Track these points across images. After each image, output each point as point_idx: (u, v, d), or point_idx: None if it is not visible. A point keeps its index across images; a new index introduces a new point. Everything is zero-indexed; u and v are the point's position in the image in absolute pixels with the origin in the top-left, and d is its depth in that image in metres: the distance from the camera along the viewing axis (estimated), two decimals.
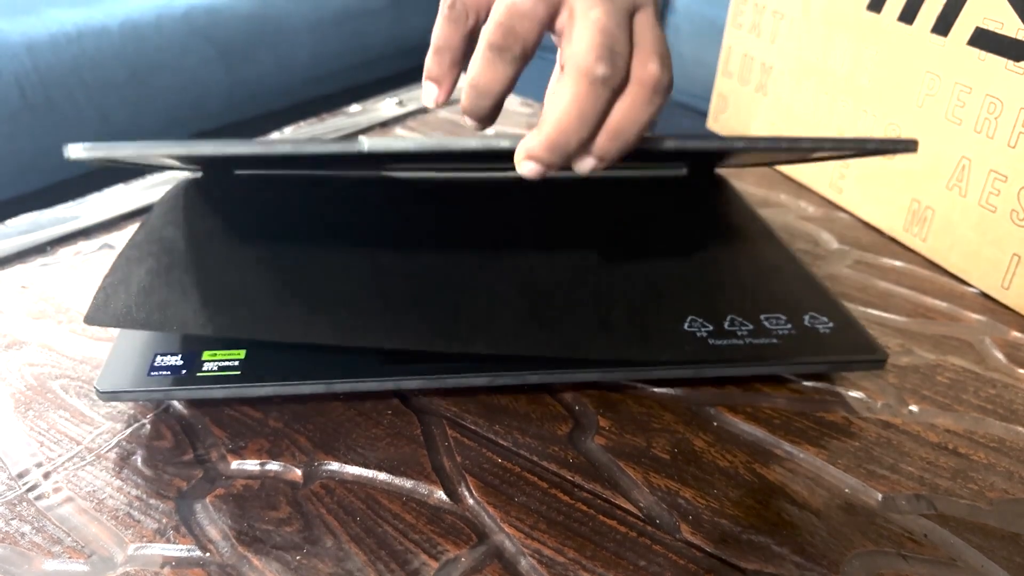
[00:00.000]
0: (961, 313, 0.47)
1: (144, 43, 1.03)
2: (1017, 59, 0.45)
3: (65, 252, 0.48)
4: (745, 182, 0.61)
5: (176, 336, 0.37)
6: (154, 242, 0.39)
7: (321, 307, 0.36)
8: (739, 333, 0.39)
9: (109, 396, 0.34)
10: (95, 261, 0.47)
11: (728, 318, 0.40)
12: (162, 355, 0.36)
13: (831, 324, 0.40)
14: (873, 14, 0.54)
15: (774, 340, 0.39)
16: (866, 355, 0.39)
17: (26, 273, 0.46)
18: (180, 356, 0.36)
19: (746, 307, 0.41)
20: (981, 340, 0.45)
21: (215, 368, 0.35)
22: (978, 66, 0.47)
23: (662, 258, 0.44)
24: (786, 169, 0.63)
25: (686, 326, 0.39)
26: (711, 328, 0.39)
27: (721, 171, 0.56)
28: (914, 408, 0.39)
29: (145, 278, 0.36)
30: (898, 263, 0.52)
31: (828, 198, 0.60)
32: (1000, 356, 0.43)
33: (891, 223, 0.55)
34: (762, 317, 0.40)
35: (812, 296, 0.42)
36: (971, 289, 0.49)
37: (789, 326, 0.40)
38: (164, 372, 0.35)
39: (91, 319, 0.34)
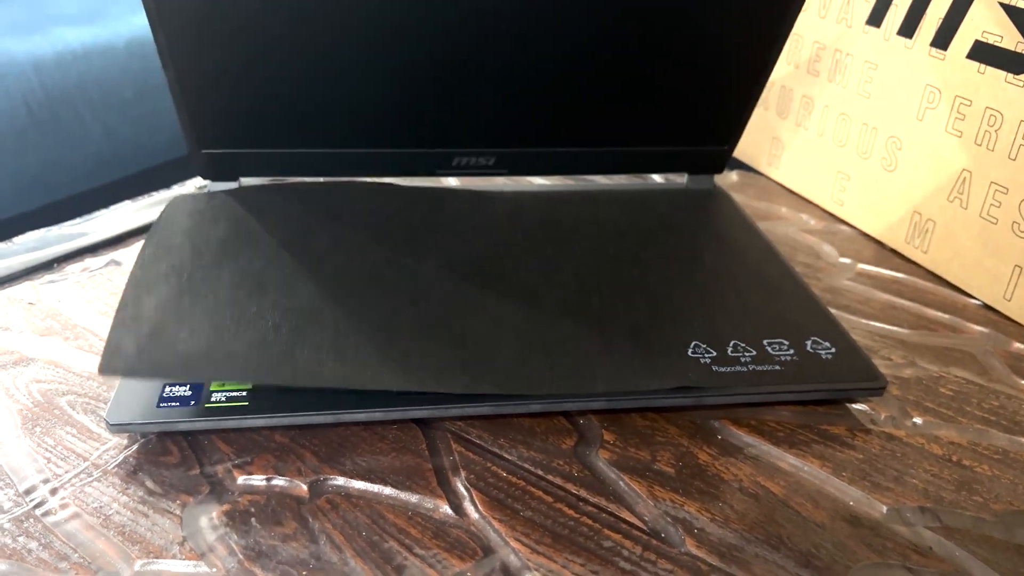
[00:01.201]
0: (963, 325, 0.47)
1: (150, 61, 1.03)
2: (1017, 72, 0.45)
3: (72, 268, 0.49)
4: (746, 195, 0.62)
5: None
6: (159, 274, 0.39)
7: (334, 351, 0.36)
8: (742, 359, 0.39)
9: (119, 428, 0.35)
10: (102, 277, 0.48)
11: (731, 343, 0.40)
12: (171, 386, 0.36)
13: (833, 350, 0.40)
14: (873, 28, 0.54)
15: (777, 367, 0.39)
16: (867, 383, 0.39)
17: (33, 290, 0.46)
18: (189, 387, 0.36)
19: (749, 332, 0.41)
20: (984, 352, 0.45)
21: (223, 399, 0.36)
22: (978, 79, 0.48)
23: (664, 280, 0.45)
24: (787, 182, 0.63)
25: (690, 352, 0.39)
26: (715, 354, 0.39)
27: (722, 183, 0.56)
28: (918, 420, 0.39)
29: (154, 317, 0.36)
30: (900, 275, 0.52)
31: (829, 211, 0.60)
32: (1003, 368, 0.43)
33: (892, 235, 0.55)
34: (765, 342, 0.40)
35: (814, 319, 0.43)
36: (973, 301, 0.50)
37: (792, 352, 0.40)
38: (173, 403, 0.35)
39: (106, 369, 0.34)
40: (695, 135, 0.53)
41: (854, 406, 0.40)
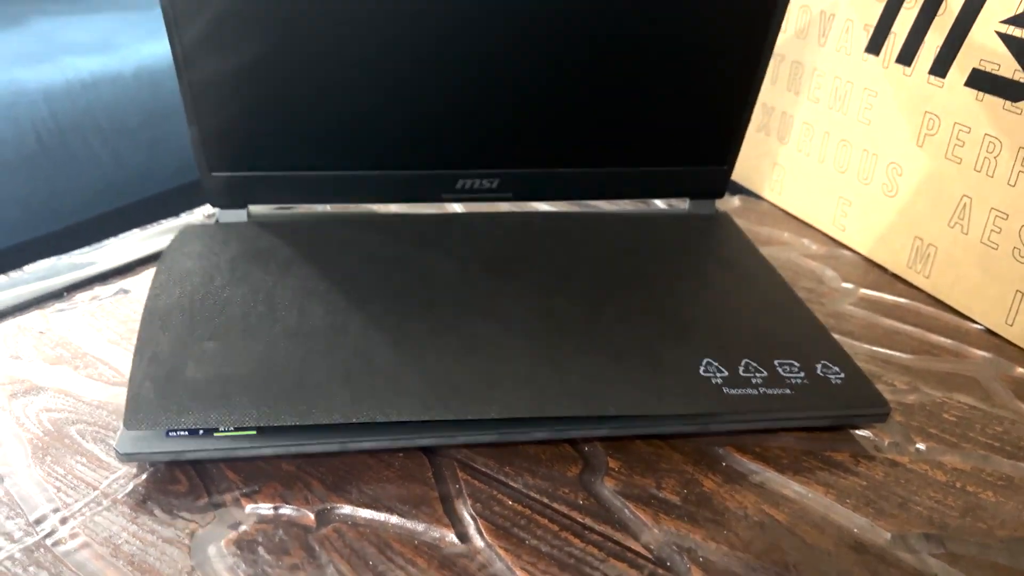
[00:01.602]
0: (966, 350, 0.47)
1: (158, 88, 1.05)
2: (1015, 100, 0.46)
3: (82, 297, 0.49)
4: (748, 220, 0.62)
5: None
6: (172, 312, 0.40)
7: (359, 386, 0.37)
8: (754, 380, 0.39)
9: (128, 457, 0.35)
10: (111, 306, 0.48)
11: (743, 362, 0.40)
12: None
13: (842, 375, 0.41)
14: (872, 56, 0.55)
15: (787, 390, 0.39)
16: (874, 408, 0.40)
17: (43, 319, 0.47)
18: None
19: (759, 352, 0.41)
20: (987, 377, 0.45)
21: (231, 428, 0.36)
22: (976, 106, 0.48)
23: (671, 300, 0.45)
24: (789, 207, 0.64)
25: (702, 370, 0.40)
26: (726, 373, 0.40)
27: (724, 208, 0.57)
28: (921, 446, 0.39)
29: (171, 364, 0.37)
30: (902, 300, 0.52)
31: (831, 235, 0.60)
32: (1006, 393, 0.44)
33: (894, 260, 0.55)
34: (776, 363, 0.41)
35: (820, 343, 0.43)
36: (976, 326, 0.50)
37: (802, 375, 0.40)
38: (182, 432, 0.36)
39: (130, 425, 0.34)
40: (693, 154, 0.54)
41: (857, 432, 0.40)
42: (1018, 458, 0.39)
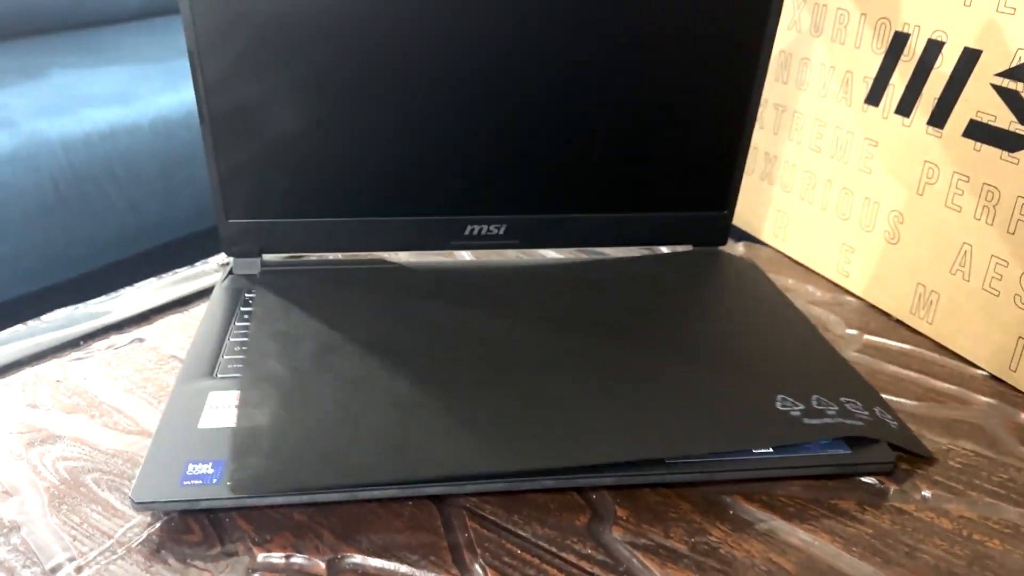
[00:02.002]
0: (971, 396, 0.48)
1: (174, 139, 1.07)
2: (1011, 150, 0.47)
3: (98, 346, 0.50)
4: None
5: (208, 445, 0.39)
6: (260, 382, 0.41)
7: (443, 441, 0.38)
8: (828, 413, 0.41)
9: (144, 506, 0.36)
10: (127, 355, 0.49)
11: (814, 398, 0.42)
12: (194, 463, 0.37)
13: (895, 422, 0.42)
14: (871, 107, 0.56)
15: (860, 423, 0.41)
16: (920, 449, 0.42)
17: (60, 367, 0.48)
18: (211, 463, 0.37)
19: (828, 388, 0.43)
20: (992, 423, 0.45)
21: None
22: (974, 156, 0.49)
23: (719, 339, 0.47)
24: (793, 254, 0.65)
25: (778, 405, 0.41)
26: (802, 407, 0.41)
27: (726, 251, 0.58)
28: (927, 494, 0.40)
29: (271, 430, 0.38)
30: (906, 346, 0.53)
31: (835, 282, 0.61)
32: (1012, 440, 0.44)
33: (898, 306, 0.56)
34: (842, 399, 0.42)
35: (869, 391, 0.45)
36: (980, 372, 0.50)
37: (866, 413, 0.42)
38: (196, 481, 0.36)
39: (237, 490, 0.35)
40: (693, 199, 0.57)
41: (863, 480, 0.40)
42: None
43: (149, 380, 0.47)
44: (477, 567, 0.35)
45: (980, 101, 0.49)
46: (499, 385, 0.42)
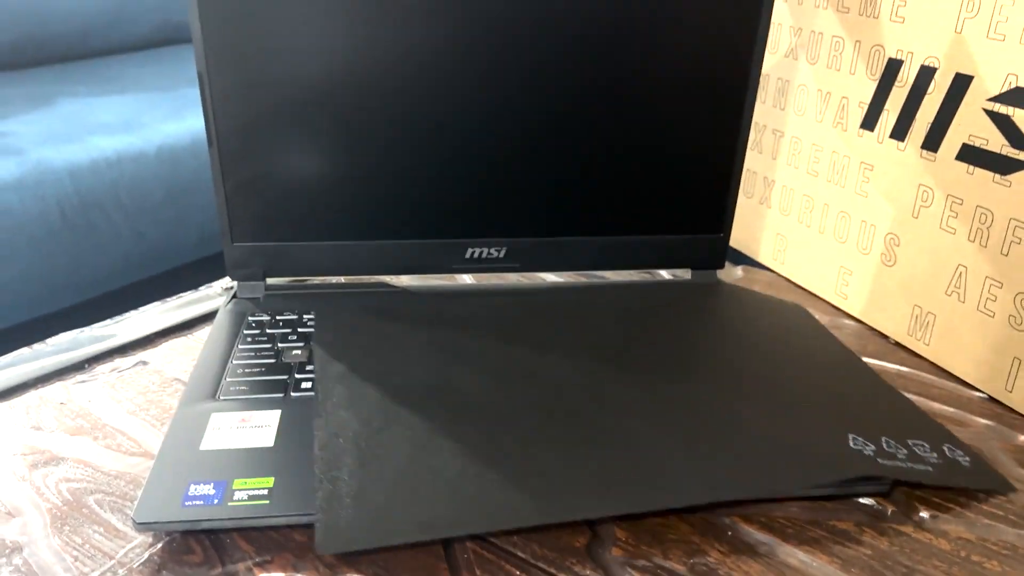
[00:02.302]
0: (968, 418, 0.48)
1: (179, 166, 1.08)
2: (1003, 173, 0.48)
3: (102, 369, 0.51)
4: (753, 289, 0.63)
5: (210, 466, 0.39)
6: (337, 435, 0.40)
7: (526, 486, 0.38)
8: (899, 456, 0.41)
9: (145, 527, 0.36)
10: (131, 378, 0.50)
11: (883, 440, 0.42)
12: (196, 484, 0.38)
13: (968, 458, 0.42)
14: (867, 132, 0.57)
15: (929, 467, 0.41)
16: (997, 485, 0.41)
17: (65, 390, 0.48)
18: (213, 484, 0.38)
19: (894, 430, 0.43)
20: (990, 445, 0.45)
21: (245, 497, 0.37)
22: (967, 179, 0.50)
23: (775, 377, 0.47)
24: (792, 276, 0.65)
25: (851, 444, 0.41)
26: (874, 447, 0.41)
27: (726, 278, 0.59)
28: (925, 515, 0.40)
29: (354, 484, 0.37)
30: (904, 369, 0.53)
31: (834, 304, 0.61)
32: (1009, 461, 0.44)
33: (895, 328, 0.56)
34: (910, 442, 0.42)
35: (935, 428, 0.44)
36: (977, 393, 0.50)
37: (935, 455, 0.42)
38: (197, 502, 0.37)
39: (323, 549, 0.34)
40: (690, 222, 0.58)
41: (862, 501, 0.40)
42: (1022, 527, 0.39)
43: (152, 402, 0.47)
44: None
45: (972, 125, 0.49)
46: (564, 426, 0.41)
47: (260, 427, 0.42)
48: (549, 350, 0.48)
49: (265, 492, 0.37)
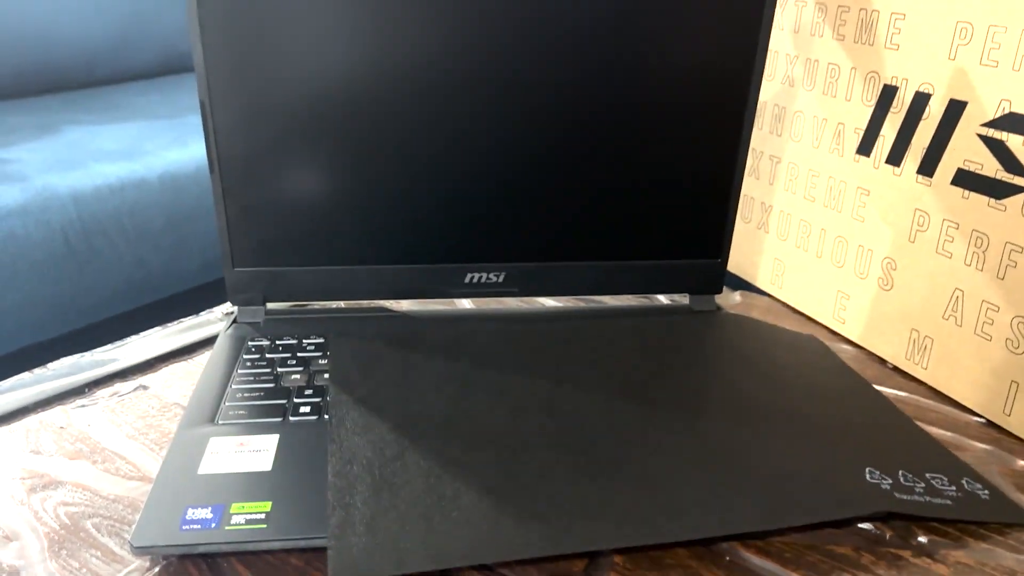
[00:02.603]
0: (967, 443, 0.48)
1: (182, 193, 1.09)
2: (999, 197, 0.48)
3: (103, 393, 0.51)
4: (751, 314, 0.64)
5: (208, 490, 0.39)
6: (350, 465, 0.40)
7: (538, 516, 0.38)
8: (916, 489, 0.41)
9: (142, 551, 0.36)
10: (131, 402, 0.50)
11: (900, 473, 0.42)
12: (194, 508, 0.38)
13: (986, 491, 0.42)
14: (863, 157, 0.57)
15: (948, 502, 0.40)
16: (1019, 518, 0.41)
17: (65, 414, 0.49)
18: (210, 508, 0.38)
19: (912, 463, 0.43)
20: (988, 470, 0.45)
21: (243, 521, 0.37)
22: (963, 204, 0.50)
23: (795, 408, 0.47)
24: (790, 301, 0.66)
25: (868, 477, 0.41)
26: (891, 481, 0.41)
27: (725, 303, 0.59)
28: (923, 539, 0.40)
29: (367, 513, 0.37)
30: (902, 394, 0.53)
31: (832, 328, 0.62)
32: (1008, 486, 0.44)
33: (893, 352, 0.56)
34: (928, 475, 0.42)
35: (950, 459, 0.44)
36: (975, 418, 0.50)
37: (953, 488, 0.42)
38: (195, 525, 0.37)
39: (337, 572, 0.34)
40: (687, 247, 0.58)
41: (860, 525, 0.40)
42: (1021, 552, 0.39)
43: (152, 427, 0.47)
44: None
45: (967, 150, 0.50)
46: (578, 457, 0.41)
47: (258, 451, 0.42)
48: (562, 380, 0.48)
49: (263, 516, 0.37)
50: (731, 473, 0.41)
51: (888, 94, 0.55)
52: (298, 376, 0.49)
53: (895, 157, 0.55)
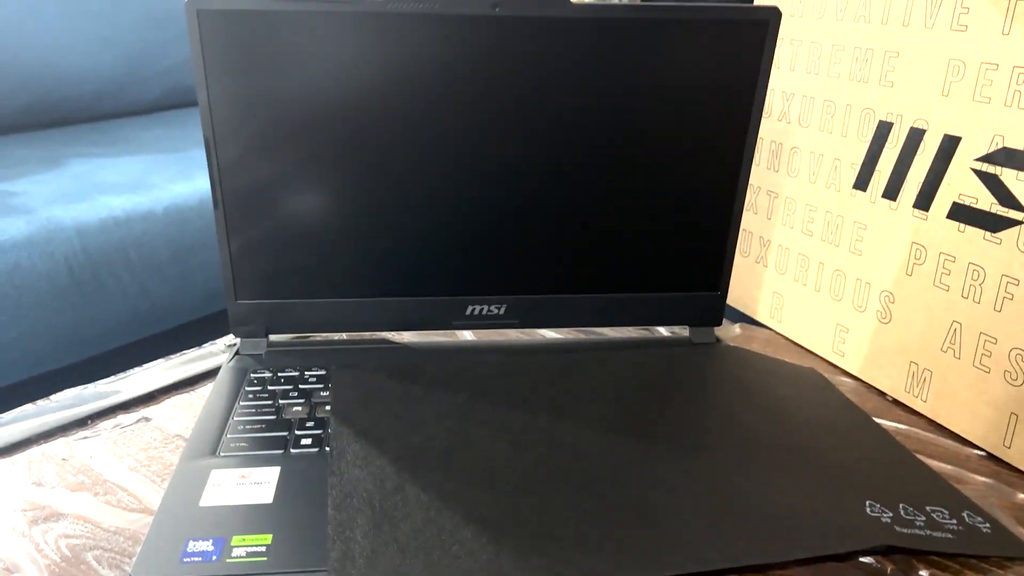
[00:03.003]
0: (967, 476, 0.48)
1: (187, 225, 1.10)
2: (993, 230, 0.49)
3: (105, 425, 0.51)
4: (751, 347, 0.64)
5: (209, 523, 0.39)
6: (352, 496, 0.40)
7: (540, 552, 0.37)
8: (916, 523, 0.41)
9: None
10: (133, 434, 0.50)
11: (900, 506, 0.42)
12: (195, 540, 0.38)
13: (988, 524, 0.42)
14: (859, 192, 0.58)
15: (949, 535, 0.40)
16: (1020, 551, 0.40)
17: (67, 446, 0.49)
18: (211, 541, 0.38)
19: (912, 496, 0.43)
20: (989, 503, 0.45)
21: (243, 554, 0.37)
22: (959, 237, 0.51)
23: (796, 442, 0.47)
24: (790, 334, 0.66)
25: (868, 511, 0.41)
26: (891, 515, 0.41)
27: (724, 336, 0.59)
28: (924, 573, 0.39)
29: (367, 547, 0.37)
30: (902, 426, 0.53)
31: (831, 361, 0.62)
32: (1008, 519, 0.44)
33: (892, 385, 0.57)
34: (928, 508, 0.42)
35: (950, 492, 0.44)
36: (975, 451, 0.50)
37: (954, 522, 0.41)
38: (196, 558, 0.37)
39: None
40: (688, 280, 0.58)
41: (862, 560, 0.40)
42: None
43: (154, 459, 0.47)
44: None
45: (962, 184, 0.50)
46: (579, 492, 0.41)
47: (259, 483, 0.42)
48: (564, 413, 0.48)
49: (263, 549, 0.37)
50: (732, 506, 0.41)
51: (883, 130, 0.56)
52: (300, 408, 0.49)
53: (891, 192, 0.56)
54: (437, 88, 0.51)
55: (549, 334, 0.64)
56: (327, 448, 0.45)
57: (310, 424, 0.47)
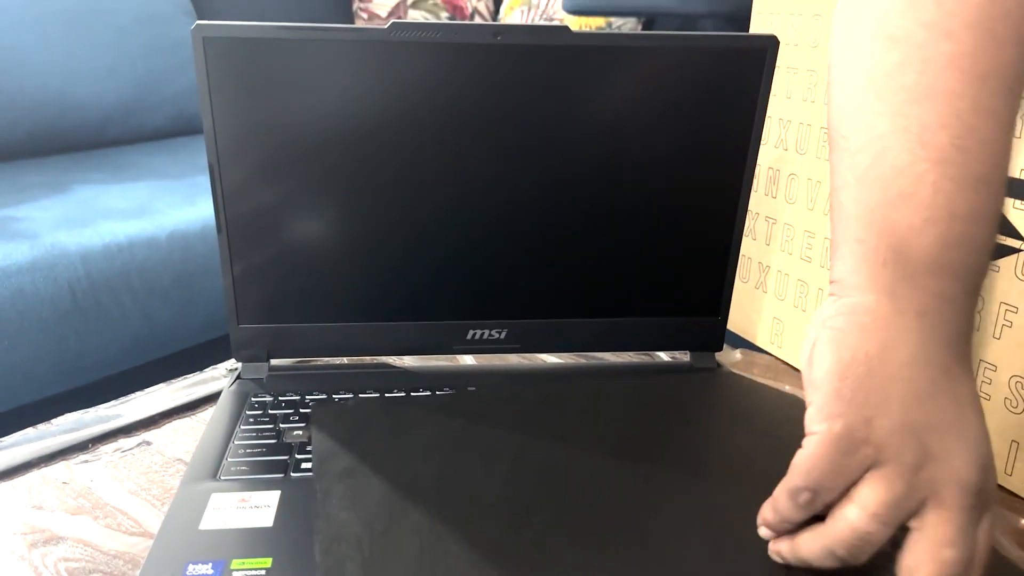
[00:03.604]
0: None
1: (190, 251, 1.11)
2: (992, 259, 0.49)
3: (106, 449, 0.51)
4: (751, 372, 0.64)
5: (209, 546, 0.39)
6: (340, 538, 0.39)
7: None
8: None
9: None
10: (134, 458, 0.50)
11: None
12: (194, 563, 0.38)
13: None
14: None
15: None
16: None
17: (68, 470, 0.49)
18: (211, 564, 0.38)
19: None
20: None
21: None
22: None
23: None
24: (790, 359, 0.66)
25: None
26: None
27: (725, 361, 0.59)
28: None
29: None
30: None
31: None
32: (1012, 546, 0.44)
33: None
34: None
35: None
36: None
37: None
38: None
39: None
40: (688, 305, 0.59)
41: None
42: None
43: (154, 482, 0.47)
44: None
45: None
46: (578, 526, 0.40)
47: (260, 507, 0.42)
48: (561, 444, 0.47)
49: (263, 572, 0.37)
50: (732, 537, 0.40)
51: None
52: (300, 432, 0.49)
53: None
54: (439, 115, 0.52)
55: (550, 359, 0.64)
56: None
57: (310, 448, 0.47)
